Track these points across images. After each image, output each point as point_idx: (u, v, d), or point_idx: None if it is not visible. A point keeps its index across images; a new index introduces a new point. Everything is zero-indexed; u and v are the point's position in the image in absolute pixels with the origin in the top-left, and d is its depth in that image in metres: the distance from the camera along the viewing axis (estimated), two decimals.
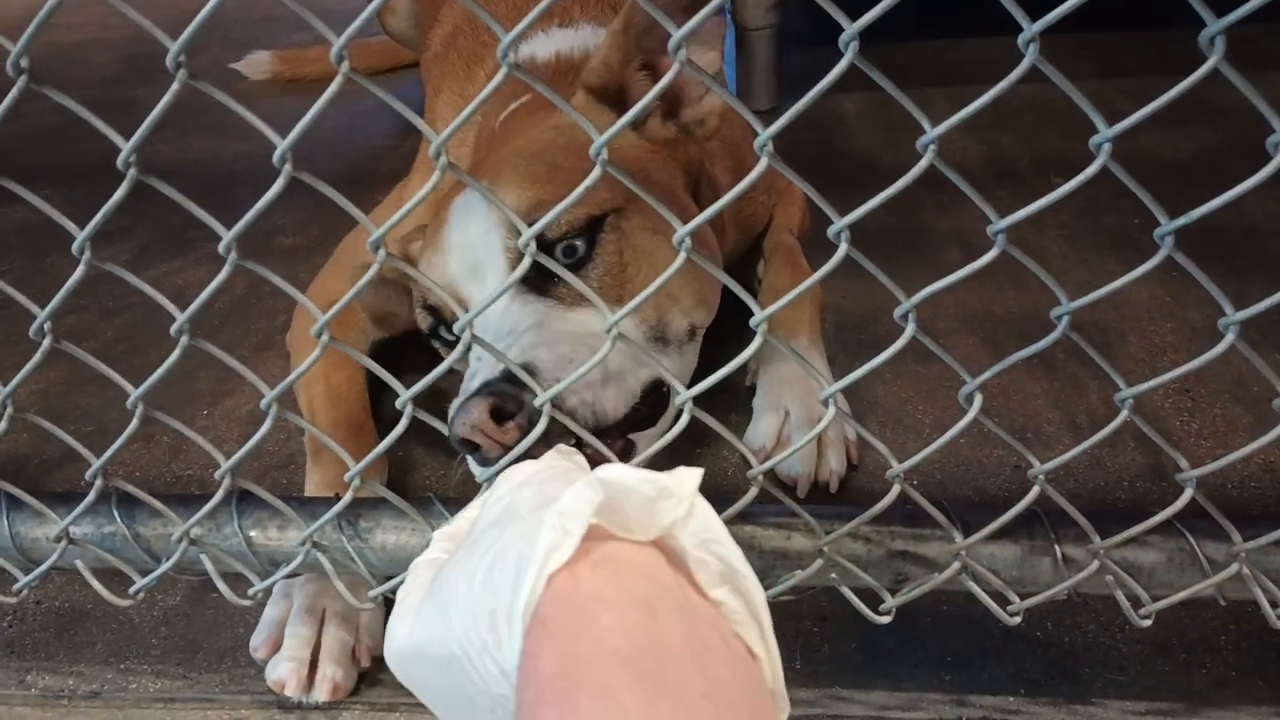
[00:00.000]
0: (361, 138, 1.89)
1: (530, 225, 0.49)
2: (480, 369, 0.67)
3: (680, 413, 0.55)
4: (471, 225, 0.76)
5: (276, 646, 0.74)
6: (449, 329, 0.81)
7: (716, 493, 0.92)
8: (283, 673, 0.73)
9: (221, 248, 0.50)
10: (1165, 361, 1.07)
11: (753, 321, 0.51)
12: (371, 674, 0.76)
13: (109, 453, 0.63)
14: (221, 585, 0.69)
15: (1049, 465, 0.56)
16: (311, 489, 0.88)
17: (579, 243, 0.74)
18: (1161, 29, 1.96)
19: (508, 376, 0.62)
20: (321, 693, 0.72)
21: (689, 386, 0.54)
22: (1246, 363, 0.51)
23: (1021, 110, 1.71)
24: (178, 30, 0.44)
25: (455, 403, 0.65)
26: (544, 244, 0.72)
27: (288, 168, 0.46)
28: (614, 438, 0.69)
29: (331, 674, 0.73)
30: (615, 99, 0.83)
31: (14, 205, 1.58)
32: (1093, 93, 0.41)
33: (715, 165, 0.98)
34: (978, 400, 0.53)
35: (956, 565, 0.61)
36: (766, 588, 0.64)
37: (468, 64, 1.20)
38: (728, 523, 0.62)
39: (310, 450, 0.92)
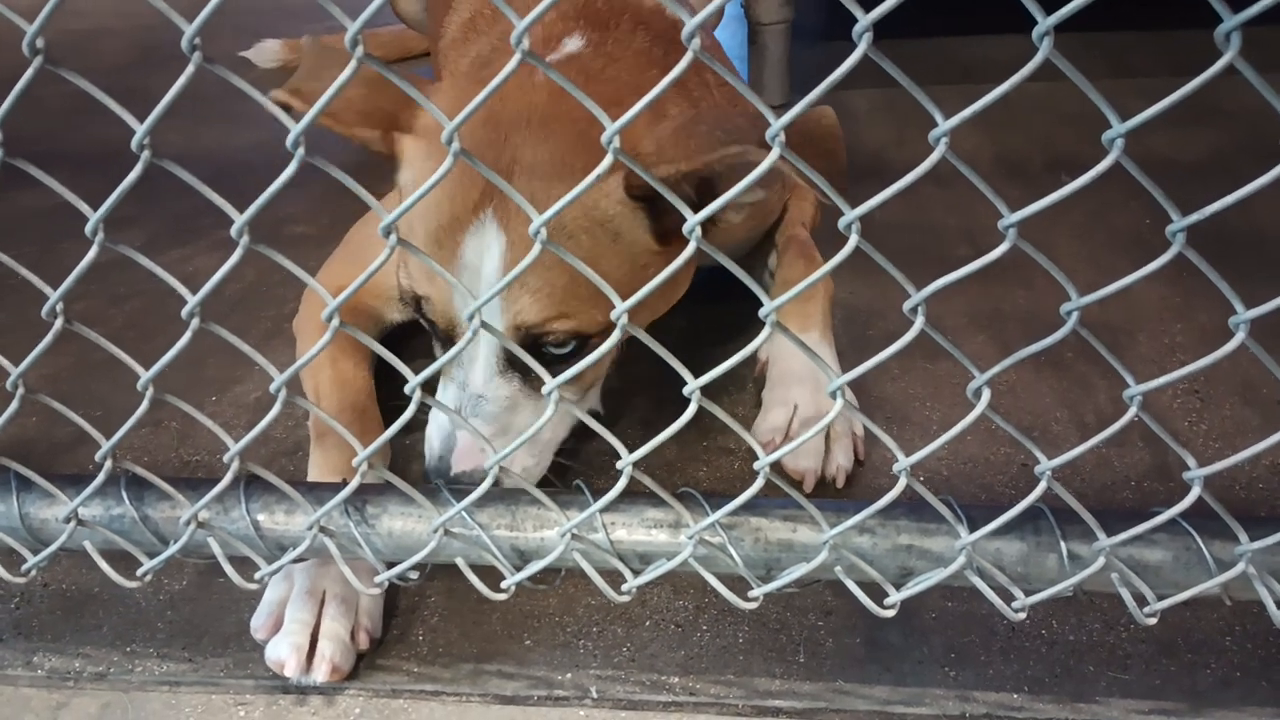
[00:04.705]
0: None
1: (537, 336, 0.62)
2: (466, 379, 0.80)
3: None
4: (480, 287, 0.77)
5: (277, 627, 0.75)
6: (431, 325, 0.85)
7: (722, 485, 0.93)
8: (282, 652, 0.73)
9: (234, 231, 0.51)
10: (1174, 362, 1.06)
11: (762, 312, 0.51)
12: (373, 660, 0.77)
13: (119, 434, 0.64)
14: (229, 569, 0.69)
15: (1056, 461, 0.56)
16: (314, 473, 0.88)
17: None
18: (1174, 29, 1.96)
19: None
20: (320, 673, 0.73)
21: None
22: (1256, 365, 0.50)
23: (1032, 110, 1.71)
24: (191, 17, 0.45)
25: (436, 436, 0.82)
26: (534, 338, 0.78)
27: (300, 151, 0.46)
28: None
29: (330, 655, 0.73)
30: (648, 196, 0.76)
31: (26, 190, 1.59)
32: (1104, 92, 0.41)
33: None
34: (986, 395, 0.53)
35: (962, 560, 0.61)
36: (772, 580, 0.65)
37: (491, 48, 1.18)
38: (734, 514, 0.63)
39: (314, 434, 0.92)
